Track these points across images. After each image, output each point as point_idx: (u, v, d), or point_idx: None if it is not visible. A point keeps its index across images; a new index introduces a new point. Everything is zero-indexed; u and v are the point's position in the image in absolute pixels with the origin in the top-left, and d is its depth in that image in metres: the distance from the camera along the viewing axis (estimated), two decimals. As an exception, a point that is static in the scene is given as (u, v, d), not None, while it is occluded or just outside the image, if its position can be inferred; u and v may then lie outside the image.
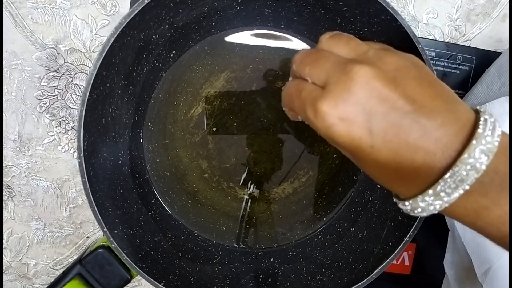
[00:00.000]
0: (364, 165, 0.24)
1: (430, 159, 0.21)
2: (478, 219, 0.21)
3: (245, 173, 0.43)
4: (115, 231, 0.33)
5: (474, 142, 0.20)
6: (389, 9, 0.31)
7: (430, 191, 0.21)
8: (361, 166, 0.24)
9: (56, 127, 0.46)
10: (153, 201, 0.42)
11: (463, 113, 0.22)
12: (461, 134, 0.21)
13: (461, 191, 0.21)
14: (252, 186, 0.43)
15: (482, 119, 0.21)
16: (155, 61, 0.39)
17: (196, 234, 0.43)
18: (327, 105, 0.22)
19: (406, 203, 0.23)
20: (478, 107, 0.23)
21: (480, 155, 0.20)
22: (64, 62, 0.45)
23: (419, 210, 0.22)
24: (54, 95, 0.45)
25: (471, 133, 0.21)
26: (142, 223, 0.39)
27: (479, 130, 0.21)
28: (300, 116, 0.25)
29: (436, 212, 0.22)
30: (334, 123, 0.22)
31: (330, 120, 0.22)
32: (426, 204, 0.22)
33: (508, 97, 0.38)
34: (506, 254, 0.34)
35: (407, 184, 0.22)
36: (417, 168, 0.21)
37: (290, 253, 0.43)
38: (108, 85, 0.34)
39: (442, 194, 0.21)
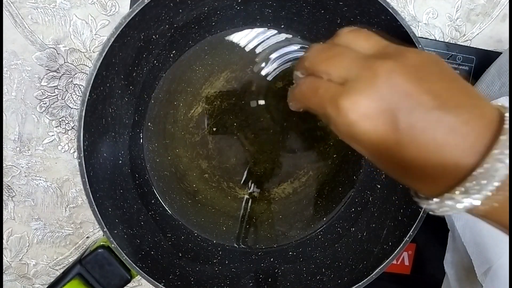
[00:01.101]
0: (387, 164, 0.23)
1: (458, 155, 0.21)
2: (505, 215, 0.21)
3: (245, 173, 0.43)
4: (115, 231, 0.33)
5: (502, 137, 0.20)
6: (389, 9, 0.31)
7: (461, 189, 0.21)
8: (383, 166, 0.23)
9: (56, 127, 0.46)
10: (153, 201, 0.42)
11: (487, 108, 0.21)
12: (489, 130, 0.20)
13: (492, 188, 0.20)
14: (252, 186, 0.43)
15: (506, 115, 0.21)
16: (155, 61, 0.39)
17: (196, 234, 0.43)
18: (350, 101, 0.21)
19: (431, 201, 0.22)
20: (500, 103, 0.22)
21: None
22: (64, 62, 0.45)
23: (446, 209, 0.21)
24: (54, 95, 0.45)
25: (498, 129, 0.20)
26: (142, 223, 0.39)
27: (505, 126, 0.20)
28: (318, 114, 0.24)
29: (464, 211, 0.21)
30: (358, 120, 0.21)
31: (353, 117, 0.21)
32: (454, 202, 0.21)
33: (508, 97, 0.38)
34: (506, 254, 0.34)
35: (433, 181, 0.22)
36: (445, 164, 0.21)
37: (290, 253, 0.43)
38: (108, 85, 0.34)
39: (472, 191, 0.20)
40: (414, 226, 0.33)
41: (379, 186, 0.41)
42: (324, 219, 0.44)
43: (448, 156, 0.21)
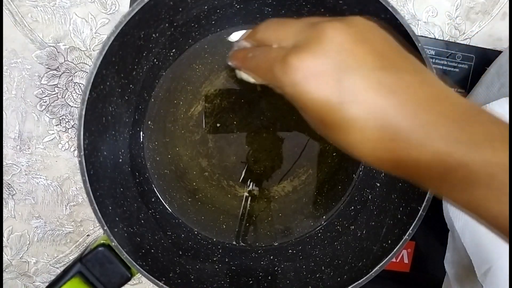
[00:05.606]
0: (335, 129, 0.22)
1: (397, 117, 0.20)
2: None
3: (244, 171, 0.43)
4: (116, 229, 0.33)
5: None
6: (389, 8, 0.31)
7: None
8: (332, 133, 0.22)
9: (56, 125, 0.46)
10: (153, 199, 0.42)
11: (430, 77, 0.22)
12: (431, 97, 0.21)
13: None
14: (252, 184, 0.43)
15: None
16: (155, 60, 0.40)
17: (196, 232, 0.43)
18: (297, 59, 0.21)
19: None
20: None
21: None
22: (64, 61, 0.45)
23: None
24: (54, 94, 0.45)
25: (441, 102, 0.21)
26: (142, 221, 0.39)
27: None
28: (265, 79, 0.24)
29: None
30: (303, 78, 0.21)
31: (299, 75, 0.21)
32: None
33: (507, 98, 0.38)
34: (506, 254, 0.34)
35: (372, 145, 0.21)
36: (385, 126, 0.20)
37: (290, 251, 0.43)
38: (108, 83, 0.34)
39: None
40: (413, 224, 0.33)
41: (378, 185, 0.41)
42: (324, 217, 0.44)
43: (387, 118, 0.20)
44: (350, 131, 0.21)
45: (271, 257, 0.42)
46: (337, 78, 0.21)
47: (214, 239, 0.43)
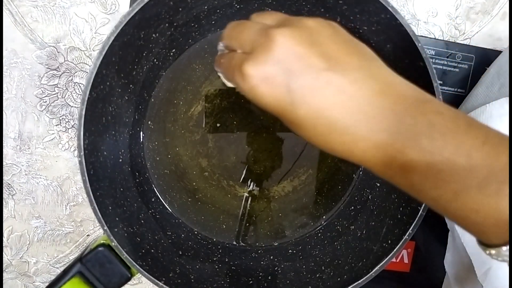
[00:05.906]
0: (294, 126, 0.24)
1: (345, 114, 0.22)
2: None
3: (245, 171, 0.43)
4: (116, 229, 0.33)
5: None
6: (389, 8, 0.31)
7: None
8: (293, 129, 0.25)
9: (56, 125, 0.46)
10: (153, 199, 0.42)
11: (378, 70, 0.23)
12: (374, 90, 0.22)
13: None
14: (252, 184, 0.43)
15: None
16: (155, 60, 0.40)
17: (196, 232, 0.43)
18: (250, 66, 0.23)
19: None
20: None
21: None
22: (64, 61, 0.45)
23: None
24: (54, 94, 0.45)
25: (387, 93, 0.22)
26: (142, 221, 0.39)
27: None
28: (232, 84, 0.26)
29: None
30: (257, 84, 0.23)
31: (253, 81, 0.23)
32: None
33: (508, 98, 0.38)
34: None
35: (325, 139, 0.23)
36: (333, 122, 0.22)
37: (290, 251, 0.43)
38: (108, 83, 0.34)
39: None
40: (413, 224, 0.33)
41: (378, 185, 0.41)
42: (324, 217, 0.44)
43: (335, 116, 0.22)
44: (305, 128, 0.23)
45: (271, 257, 0.42)
46: (287, 82, 0.22)
47: (214, 239, 0.43)
